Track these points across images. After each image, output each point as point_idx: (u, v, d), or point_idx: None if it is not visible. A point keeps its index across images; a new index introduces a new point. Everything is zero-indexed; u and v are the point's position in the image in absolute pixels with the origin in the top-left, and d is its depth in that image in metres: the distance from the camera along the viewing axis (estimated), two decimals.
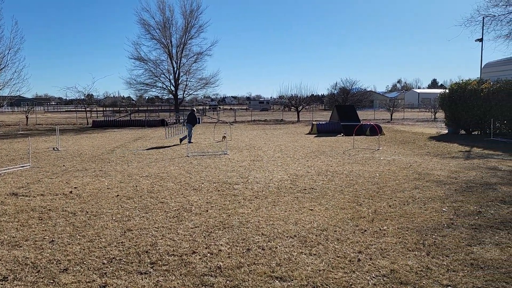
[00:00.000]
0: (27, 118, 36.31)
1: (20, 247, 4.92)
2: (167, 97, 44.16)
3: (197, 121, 17.75)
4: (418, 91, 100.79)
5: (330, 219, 5.94)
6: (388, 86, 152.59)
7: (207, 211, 6.42)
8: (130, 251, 4.72)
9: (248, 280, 3.97)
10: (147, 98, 75.44)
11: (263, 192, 7.67)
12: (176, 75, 38.20)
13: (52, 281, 3.99)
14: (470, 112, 19.40)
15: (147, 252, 4.70)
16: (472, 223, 5.67)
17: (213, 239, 5.14)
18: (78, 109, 48.37)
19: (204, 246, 4.89)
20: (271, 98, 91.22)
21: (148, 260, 4.46)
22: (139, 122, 31.50)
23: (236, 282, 3.92)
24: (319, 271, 4.15)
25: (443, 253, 4.59)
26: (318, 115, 47.78)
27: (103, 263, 4.39)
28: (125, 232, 5.43)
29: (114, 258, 4.54)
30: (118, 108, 65.47)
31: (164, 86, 38.84)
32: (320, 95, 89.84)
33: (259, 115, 52.12)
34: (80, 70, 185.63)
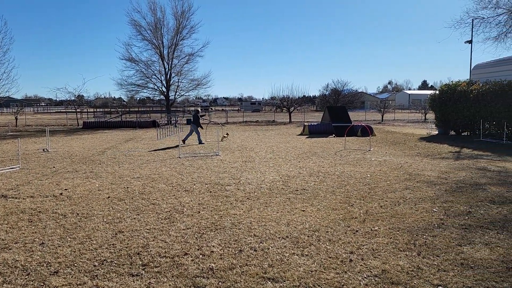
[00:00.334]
0: (17, 119, 35.92)
1: (10, 249, 4.86)
2: (158, 98, 44.08)
3: (199, 121, 17.77)
4: (409, 92, 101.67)
5: (322, 219, 5.96)
6: (379, 87, 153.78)
7: (199, 212, 6.40)
8: (122, 253, 4.69)
9: (240, 281, 3.96)
10: (138, 99, 74.94)
11: (255, 193, 7.67)
12: (168, 76, 38.06)
13: (42, 284, 3.95)
14: (459, 113, 19.61)
15: (138, 254, 4.67)
16: (462, 223, 5.73)
17: (205, 240, 5.12)
18: (69, 110, 47.94)
19: (196, 247, 4.87)
20: (263, 99, 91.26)
21: (140, 262, 4.44)
22: (130, 123, 31.31)
23: (228, 284, 3.92)
24: (311, 271, 4.16)
25: (434, 253, 4.63)
26: (310, 116, 47.92)
27: (94, 266, 4.36)
28: (116, 234, 5.39)
29: (105, 260, 4.50)
30: (109, 109, 65.08)
31: (156, 87, 38.69)
32: (311, 96, 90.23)
33: (250, 116, 52.15)
34: (71, 71, 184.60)
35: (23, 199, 7.37)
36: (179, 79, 38.96)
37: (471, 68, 23.06)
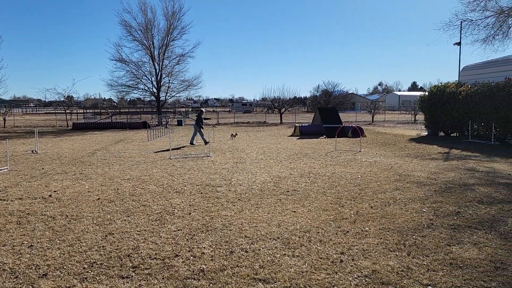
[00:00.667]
0: (5, 120, 35.45)
1: None
2: (149, 99, 43.84)
3: (202, 122, 17.74)
4: (399, 93, 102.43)
5: (313, 220, 5.98)
6: (369, 88, 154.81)
7: (190, 213, 6.38)
8: (112, 255, 4.66)
9: (231, 282, 3.96)
10: (128, 100, 74.65)
11: (246, 195, 7.67)
12: (159, 77, 37.87)
13: (31, 286, 3.91)
14: (448, 114, 19.81)
15: (129, 256, 4.64)
16: (451, 223, 5.79)
17: (196, 242, 5.11)
18: (58, 111, 47.46)
19: (187, 249, 4.86)
20: (254, 100, 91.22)
21: (130, 264, 4.41)
22: (121, 124, 31.11)
23: (219, 285, 3.91)
24: (302, 272, 4.17)
25: (423, 253, 4.67)
26: (301, 117, 48.05)
27: (84, 268, 4.32)
28: (106, 236, 5.35)
29: (95, 262, 4.47)
30: (99, 110, 64.58)
31: (146, 88, 38.45)
32: (302, 97, 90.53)
33: (242, 117, 52.17)
34: (60, 72, 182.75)
35: (12, 201, 7.28)
36: (169, 80, 38.81)
37: (460, 70, 23.36)
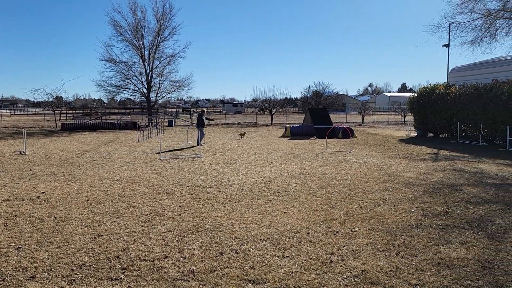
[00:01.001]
0: None
1: None
2: (139, 99, 43.55)
3: (203, 123, 17.66)
4: (389, 94, 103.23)
5: (303, 221, 6.00)
6: (359, 89, 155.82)
7: (180, 215, 6.36)
8: (101, 257, 4.62)
9: (221, 283, 3.95)
10: (118, 100, 74.01)
11: (237, 195, 7.67)
12: (149, 78, 37.73)
13: None
14: (437, 116, 20.02)
15: (118, 257, 4.61)
16: (439, 223, 5.85)
17: (186, 243, 5.09)
18: (47, 111, 46.96)
19: (177, 250, 4.84)
20: (245, 101, 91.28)
21: (119, 266, 4.38)
22: (111, 125, 30.88)
23: (209, 286, 3.90)
24: (292, 273, 4.18)
25: (412, 253, 4.72)
26: (292, 118, 48.16)
27: (72, 270, 4.28)
28: (95, 237, 5.31)
29: (83, 264, 4.43)
30: (89, 111, 64.04)
31: (136, 89, 38.30)
32: (293, 98, 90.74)
33: (233, 118, 52.13)
34: (49, 72, 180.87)
35: None
36: (160, 81, 38.72)
37: (448, 71, 23.62)
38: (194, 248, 4.90)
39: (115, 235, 5.39)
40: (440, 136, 21.09)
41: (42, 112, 50.69)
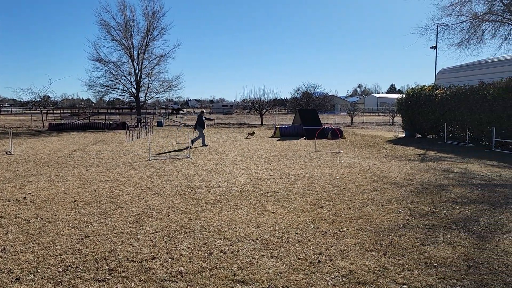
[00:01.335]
0: None
1: None
2: (128, 99, 43.20)
3: (203, 123, 17.57)
4: (377, 96, 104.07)
5: (292, 221, 6.01)
6: (349, 90, 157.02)
7: (169, 215, 6.33)
8: (88, 258, 4.58)
9: (209, 284, 3.95)
10: (107, 100, 73.38)
11: (226, 196, 7.66)
12: (138, 78, 37.44)
13: None
14: (425, 117, 20.23)
15: (105, 258, 4.57)
16: (426, 223, 5.91)
17: (174, 244, 5.07)
18: (34, 111, 46.38)
19: (165, 251, 4.82)
20: (234, 101, 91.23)
21: (106, 267, 4.34)
22: (99, 125, 30.60)
23: (197, 287, 3.89)
24: (280, 273, 4.19)
25: (399, 252, 4.76)
26: (281, 118, 48.24)
27: (59, 271, 4.23)
28: (82, 238, 5.26)
29: (70, 266, 4.38)
30: (77, 111, 63.38)
31: (125, 89, 37.94)
32: (283, 98, 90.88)
33: (222, 118, 52.05)
34: (36, 71, 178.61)
35: None
36: (149, 81, 38.44)
37: (436, 73, 23.87)
38: (183, 249, 4.88)
39: (102, 236, 5.34)
40: (427, 137, 21.32)
41: (29, 112, 50.07)
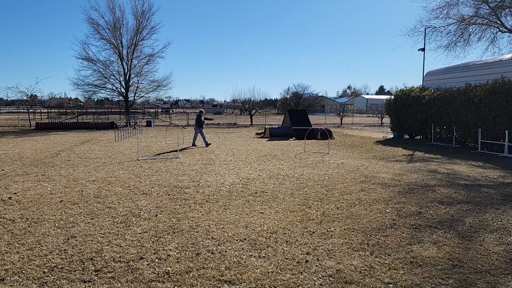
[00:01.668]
0: None
1: None
2: (117, 99, 42.93)
3: (202, 123, 17.47)
4: (367, 97, 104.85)
5: (280, 221, 6.03)
6: (338, 91, 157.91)
7: (157, 215, 6.30)
8: (73, 259, 4.54)
9: (197, 284, 3.94)
10: (96, 100, 72.73)
11: (214, 196, 7.65)
12: (127, 77, 37.19)
13: None
14: (413, 118, 20.44)
15: (91, 259, 4.53)
16: (412, 223, 5.97)
17: (162, 244, 5.05)
18: (20, 110, 45.74)
19: (153, 251, 4.79)
20: (224, 101, 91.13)
21: (93, 268, 4.31)
22: (87, 125, 30.33)
23: (185, 287, 3.88)
24: (268, 273, 4.20)
25: (386, 252, 4.80)
26: (271, 119, 48.33)
27: (44, 272, 4.19)
28: (68, 239, 5.20)
29: (55, 266, 4.34)
30: (65, 110, 62.67)
31: (114, 88, 37.67)
32: (273, 99, 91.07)
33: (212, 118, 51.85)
34: (22, 69, 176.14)
35: None
36: (138, 80, 38.22)
37: (424, 75, 24.12)
38: (170, 249, 4.86)
39: (89, 237, 5.30)
40: (415, 138, 21.54)
41: (16, 111, 49.35)
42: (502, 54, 20.63)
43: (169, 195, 7.72)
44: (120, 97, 39.08)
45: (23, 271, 4.22)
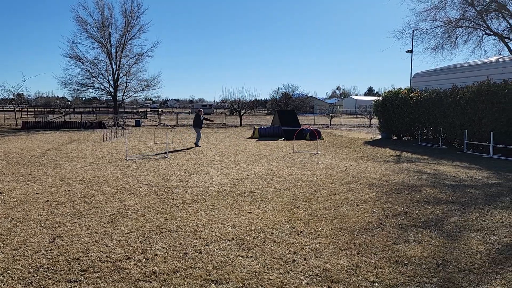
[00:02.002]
0: None
1: None
2: (105, 98, 42.54)
3: (201, 123, 17.37)
4: (356, 98, 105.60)
5: (268, 221, 6.05)
6: (328, 92, 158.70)
7: (144, 215, 6.28)
8: (59, 259, 4.50)
9: (184, 284, 3.94)
10: (84, 99, 71.96)
11: (203, 196, 7.64)
12: (116, 76, 36.94)
13: None
14: (401, 119, 20.64)
15: (78, 259, 4.50)
16: (399, 222, 6.04)
17: (149, 244, 5.03)
18: (6, 109, 45.09)
19: (140, 251, 4.78)
20: (214, 101, 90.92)
21: (79, 268, 4.28)
22: (75, 124, 30.03)
23: (172, 287, 3.88)
24: (255, 272, 4.22)
25: (372, 251, 4.86)
26: (261, 119, 48.38)
27: (29, 272, 4.15)
28: (54, 239, 5.16)
29: (41, 266, 4.30)
30: (52, 109, 61.93)
31: (103, 87, 37.39)
32: (262, 99, 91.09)
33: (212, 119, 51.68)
34: (8, 67, 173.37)
35: None
36: (127, 79, 38.00)
37: (412, 76, 24.37)
38: (158, 249, 4.85)
39: (75, 237, 5.25)
40: (403, 138, 21.76)
41: (2, 110, 48.64)
42: (488, 57, 20.98)
43: (157, 195, 7.69)
44: (109, 96, 38.81)
45: (8, 271, 4.17)
